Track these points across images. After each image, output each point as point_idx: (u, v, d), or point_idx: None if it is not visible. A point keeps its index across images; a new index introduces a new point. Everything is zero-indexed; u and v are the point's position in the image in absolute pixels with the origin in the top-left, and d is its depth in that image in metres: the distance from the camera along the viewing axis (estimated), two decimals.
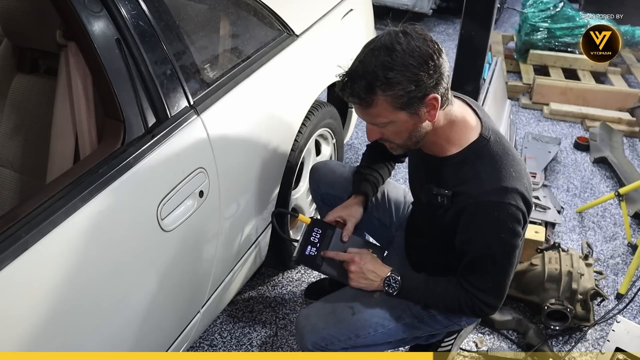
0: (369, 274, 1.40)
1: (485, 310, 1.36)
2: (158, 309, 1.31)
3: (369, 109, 1.18)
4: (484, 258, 1.30)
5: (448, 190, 1.28)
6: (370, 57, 1.15)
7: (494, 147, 1.27)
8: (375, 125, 1.23)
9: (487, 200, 1.22)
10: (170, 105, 1.26)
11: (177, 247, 1.29)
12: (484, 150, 1.26)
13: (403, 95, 1.14)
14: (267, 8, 1.71)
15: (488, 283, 1.32)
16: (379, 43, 1.15)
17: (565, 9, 3.66)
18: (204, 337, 1.89)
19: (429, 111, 1.19)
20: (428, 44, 1.13)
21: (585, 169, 2.89)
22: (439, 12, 4.73)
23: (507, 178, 1.23)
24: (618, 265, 2.25)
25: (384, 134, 1.24)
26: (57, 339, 1.03)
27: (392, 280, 1.38)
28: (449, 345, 1.71)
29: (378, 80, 1.12)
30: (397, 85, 1.12)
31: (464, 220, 1.26)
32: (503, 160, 1.25)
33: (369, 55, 1.15)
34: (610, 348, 1.66)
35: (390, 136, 1.25)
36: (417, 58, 1.12)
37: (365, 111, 1.20)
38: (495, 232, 1.25)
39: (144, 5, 1.22)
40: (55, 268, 1.00)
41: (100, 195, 1.07)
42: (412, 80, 1.12)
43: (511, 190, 1.22)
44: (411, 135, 1.23)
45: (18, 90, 1.52)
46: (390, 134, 1.23)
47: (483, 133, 1.27)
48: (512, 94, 3.53)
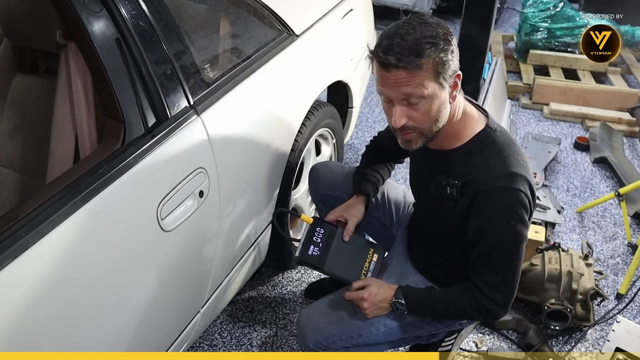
0: (381, 304, 1.40)
1: (492, 309, 1.32)
2: (158, 309, 1.31)
3: (415, 73, 1.14)
4: (494, 248, 1.28)
5: (457, 181, 1.28)
6: (407, 27, 1.15)
7: (501, 136, 1.28)
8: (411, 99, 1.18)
9: (497, 186, 1.23)
10: (170, 105, 1.26)
11: (177, 247, 1.29)
12: (490, 139, 1.28)
13: (446, 62, 1.15)
14: (267, 8, 1.71)
15: (497, 277, 1.31)
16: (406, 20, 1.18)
17: (565, 9, 3.66)
18: (204, 337, 1.89)
19: (453, 91, 1.21)
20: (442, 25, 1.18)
21: (585, 169, 2.89)
22: (439, 12, 4.73)
23: (515, 165, 1.24)
24: (618, 265, 2.25)
25: (412, 116, 1.21)
26: (57, 339, 1.03)
27: (398, 304, 1.38)
28: (449, 345, 1.72)
29: (430, 43, 1.13)
30: (445, 50, 1.15)
31: (475, 208, 1.26)
32: (510, 149, 1.26)
33: (405, 26, 1.15)
34: (610, 348, 1.66)
35: (419, 118, 1.21)
36: (447, 31, 1.17)
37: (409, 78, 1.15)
38: (505, 220, 1.24)
39: (144, 5, 1.22)
40: (55, 268, 1.00)
41: (100, 195, 1.07)
42: (449, 50, 1.16)
43: (520, 176, 1.23)
44: (438, 117, 1.21)
45: (18, 90, 1.52)
46: (420, 114, 1.20)
47: (489, 124, 1.29)
48: (512, 94, 3.53)
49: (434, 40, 1.13)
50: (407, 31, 1.14)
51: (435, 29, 1.15)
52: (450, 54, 1.16)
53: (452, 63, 1.17)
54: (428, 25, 1.15)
